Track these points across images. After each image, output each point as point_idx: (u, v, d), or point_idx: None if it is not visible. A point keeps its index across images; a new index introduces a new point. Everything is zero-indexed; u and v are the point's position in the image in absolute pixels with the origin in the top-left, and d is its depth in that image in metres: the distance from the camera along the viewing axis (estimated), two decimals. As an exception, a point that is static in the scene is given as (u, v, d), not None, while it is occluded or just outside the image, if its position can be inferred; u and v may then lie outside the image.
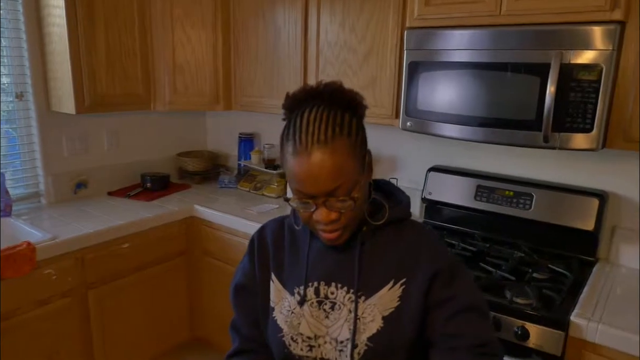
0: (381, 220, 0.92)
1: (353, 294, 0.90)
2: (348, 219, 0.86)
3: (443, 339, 0.88)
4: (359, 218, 0.89)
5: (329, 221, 0.85)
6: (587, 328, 1.42)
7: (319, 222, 0.86)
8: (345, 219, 0.86)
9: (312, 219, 0.87)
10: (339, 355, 0.90)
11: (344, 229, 0.88)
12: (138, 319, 2.30)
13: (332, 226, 0.86)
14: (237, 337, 1.04)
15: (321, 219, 0.84)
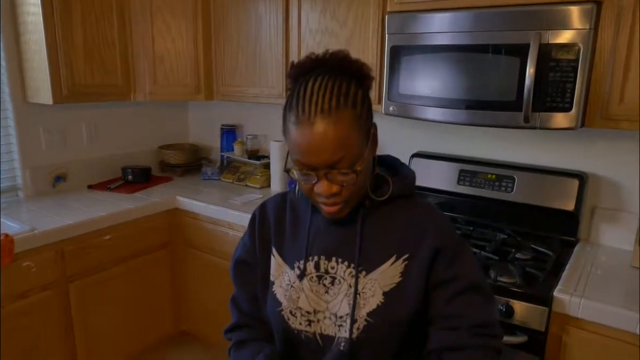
0: (384, 196, 0.90)
1: (353, 268, 0.89)
2: (350, 192, 0.84)
3: (444, 319, 0.87)
4: (361, 192, 0.88)
5: (330, 194, 0.83)
6: (570, 303, 1.44)
7: (320, 195, 0.84)
8: (347, 192, 0.84)
9: (313, 192, 0.85)
10: (338, 330, 0.88)
11: (345, 203, 0.86)
12: (121, 312, 2.26)
13: (333, 200, 0.84)
14: (236, 312, 1.03)
15: (322, 191, 0.83)
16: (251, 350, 0.96)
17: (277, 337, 0.96)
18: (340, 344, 0.88)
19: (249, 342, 0.98)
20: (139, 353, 2.40)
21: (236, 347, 0.99)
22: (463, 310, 0.86)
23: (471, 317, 0.86)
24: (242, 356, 0.96)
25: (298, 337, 0.92)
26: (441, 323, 0.87)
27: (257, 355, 0.93)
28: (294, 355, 0.95)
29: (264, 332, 1.00)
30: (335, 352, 0.89)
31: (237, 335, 1.00)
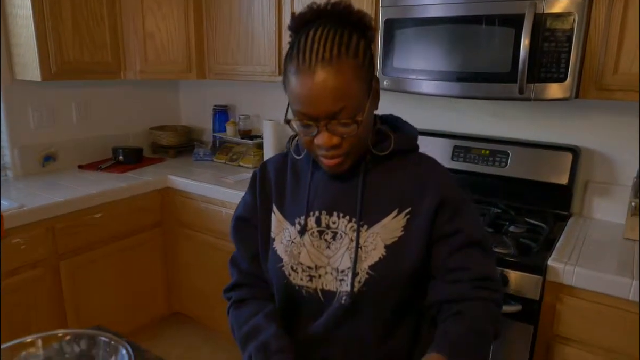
0: (386, 150, 0.90)
1: (355, 222, 0.89)
2: (350, 145, 0.83)
3: (446, 272, 0.87)
4: (362, 146, 0.87)
5: (330, 146, 0.82)
6: (564, 272, 1.45)
7: (320, 146, 0.83)
8: (348, 144, 0.83)
9: (313, 144, 0.84)
10: (339, 285, 0.88)
11: (346, 156, 0.85)
12: (113, 292, 2.25)
13: (334, 152, 0.83)
14: (235, 271, 1.01)
15: (322, 143, 0.82)
16: (251, 309, 0.94)
17: (278, 293, 0.95)
18: (342, 297, 0.87)
19: (249, 301, 0.97)
20: (132, 333, 2.38)
21: (236, 306, 0.98)
22: (465, 263, 0.86)
23: (473, 270, 0.86)
24: (241, 315, 0.95)
25: (299, 293, 0.91)
26: (443, 276, 0.87)
27: (257, 314, 0.92)
28: (295, 311, 0.94)
29: (264, 291, 0.98)
30: (337, 306, 0.88)
31: (236, 294, 0.99)
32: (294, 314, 0.95)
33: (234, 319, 0.96)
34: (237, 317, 0.95)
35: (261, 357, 0.85)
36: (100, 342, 0.91)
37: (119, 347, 0.88)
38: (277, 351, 0.84)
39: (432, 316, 0.90)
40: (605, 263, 1.47)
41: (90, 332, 0.92)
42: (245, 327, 0.91)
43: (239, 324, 0.93)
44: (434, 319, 0.89)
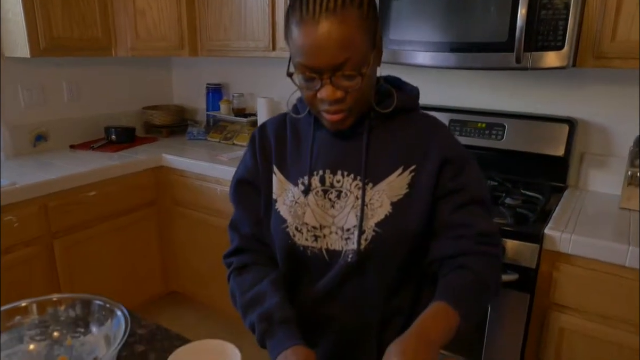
0: (389, 108, 0.88)
1: (360, 180, 0.88)
2: (354, 99, 0.82)
3: (449, 228, 0.87)
4: (365, 102, 0.85)
5: (333, 100, 0.80)
6: (561, 239, 1.45)
7: (323, 101, 0.81)
8: (351, 99, 0.81)
9: (316, 99, 0.82)
10: (345, 244, 0.87)
11: (349, 112, 0.83)
12: (108, 271, 2.23)
13: (337, 106, 0.82)
14: (236, 236, 0.99)
15: (326, 96, 0.80)
16: (254, 275, 0.92)
17: (282, 255, 0.93)
18: (348, 256, 0.87)
19: (251, 267, 0.95)
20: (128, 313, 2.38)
21: (237, 272, 0.95)
22: (468, 220, 0.86)
23: (476, 227, 0.86)
24: (244, 281, 0.93)
25: (304, 253, 0.90)
26: (446, 233, 0.87)
27: (261, 281, 0.90)
28: (300, 272, 0.93)
29: (267, 255, 0.97)
30: (342, 264, 0.88)
31: (238, 260, 0.96)
32: (298, 275, 0.94)
33: (235, 285, 0.93)
34: (239, 284, 0.93)
35: (264, 326, 0.84)
36: (95, 306, 0.90)
37: (114, 310, 0.87)
38: (281, 321, 0.83)
39: (433, 273, 0.90)
40: (601, 231, 1.47)
41: (85, 297, 0.91)
42: (249, 294, 0.89)
43: (242, 290, 0.91)
44: (435, 276, 0.89)
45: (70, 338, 0.89)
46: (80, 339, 0.89)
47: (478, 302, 0.83)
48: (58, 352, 0.88)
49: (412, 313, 0.92)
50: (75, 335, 0.90)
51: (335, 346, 0.94)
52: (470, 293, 0.81)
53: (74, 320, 0.90)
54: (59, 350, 0.88)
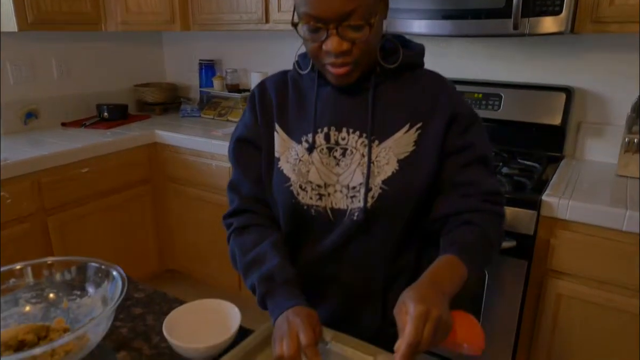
0: (395, 63, 0.86)
1: (366, 138, 0.86)
2: (360, 52, 0.79)
3: (456, 186, 0.87)
4: (371, 55, 0.83)
5: (339, 52, 0.78)
6: (558, 205, 1.44)
7: (329, 53, 0.79)
8: (358, 51, 0.79)
9: (321, 51, 0.80)
10: (350, 202, 0.86)
11: (355, 65, 0.81)
12: (103, 248, 2.21)
13: (343, 59, 0.79)
14: (236, 197, 0.96)
15: (332, 48, 0.78)
16: (255, 236, 0.90)
17: (285, 214, 0.92)
18: (354, 214, 0.86)
19: (252, 227, 0.93)
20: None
21: (237, 233, 0.93)
22: (474, 178, 0.86)
23: (482, 184, 0.86)
24: (244, 242, 0.91)
25: (308, 212, 0.89)
26: (452, 190, 0.87)
27: (262, 241, 0.89)
28: (303, 231, 0.92)
29: (268, 217, 0.95)
30: (348, 222, 0.86)
31: (238, 220, 0.94)
32: (302, 235, 0.92)
33: (236, 246, 0.92)
34: (240, 245, 0.91)
35: (265, 287, 0.83)
36: (90, 268, 0.89)
37: (110, 271, 0.86)
38: (281, 282, 0.82)
39: (435, 232, 0.89)
40: (599, 197, 1.47)
41: (80, 259, 0.90)
42: (249, 256, 0.88)
43: (243, 251, 0.90)
44: (437, 235, 0.88)
45: (67, 300, 0.88)
46: (77, 301, 0.88)
47: (484, 256, 0.83)
48: (54, 314, 0.87)
49: (415, 272, 0.91)
50: (72, 298, 0.88)
51: (339, 306, 0.93)
52: (477, 248, 0.81)
53: (69, 282, 0.89)
54: (55, 312, 0.87)
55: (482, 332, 0.71)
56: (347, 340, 0.79)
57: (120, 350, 0.82)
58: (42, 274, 0.89)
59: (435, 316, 0.64)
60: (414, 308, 0.65)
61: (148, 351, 0.82)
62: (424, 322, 0.64)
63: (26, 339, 0.74)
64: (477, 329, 0.71)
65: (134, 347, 0.83)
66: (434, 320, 0.64)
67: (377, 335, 0.89)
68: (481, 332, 0.71)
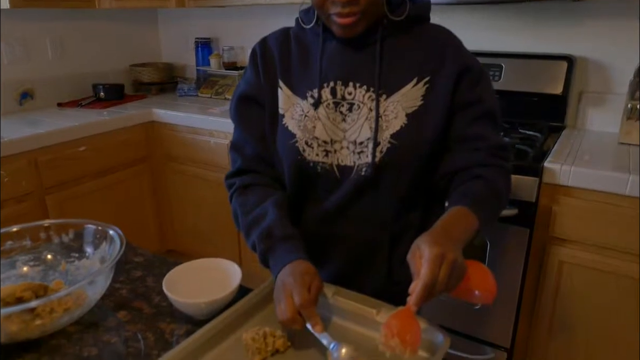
0: (402, 15, 0.84)
1: (373, 92, 0.84)
2: (366, 1, 0.78)
3: (465, 141, 0.86)
4: (377, 7, 0.81)
5: (346, 0, 0.76)
6: (560, 172, 1.43)
7: (335, 2, 0.77)
8: (364, 0, 0.77)
9: (328, 1, 0.78)
10: (357, 158, 0.85)
11: (362, 15, 0.79)
12: (103, 228, 2.20)
13: (350, 8, 0.77)
14: (239, 157, 0.94)
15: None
16: (258, 196, 0.89)
17: (290, 172, 0.90)
18: (361, 170, 0.85)
19: (255, 187, 0.91)
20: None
21: (240, 192, 0.91)
22: (483, 133, 0.85)
23: (490, 139, 0.86)
24: (247, 201, 0.89)
25: (314, 169, 0.87)
26: (461, 145, 0.86)
27: (264, 200, 0.87)
28: (308, 190, 0.91)
29: (271, 177, 0.93)
30: (356, 178, 0.85)
31: (241, 180, 0.92)
32: (307, 192, 0.91)
33: (238, 206, 0.90)
34: (241, 204, 0.89)
35: (265, 244, 0.82)
36: (87, 230, 0.88)
37: (107, 232, 0.85)
38: (281, 238, 0.81)
39: (442, 189, 0.88)
40: (601, 163, 1.46)
41: (77, 221, 0.88)
42: (251, 215, 0.86)
43: (245, 210, 0.88)
44: (443, 192, 0.87)
45: (65, 263, 0.87)
46: (75, 263, 0.87)
47: (493, 210, 0.83)
48: (53, 277, 0.86)
49: (421, 232, 0.90)
50: (70, 260, 0.88)
51: (343, 266, 0.93)
52: (488, 200, 0.81)
53: (67, 245, 0.88)
54: (53, 275, 0.86)
55: (495, 280, 0.70)
56: (349, 295, 0.78)
57: (120, 310, 0.81)
58: (39, 236, 0.88)
59: (451, 259, 0.64)
60: (429, 251, 0.64)
61: (149, 310, 0.81)
62: (439, 265, 0.63)
63: (24, 296, 0.73)
64: (489, 276, 0.70)
65: (134, 306, 0.82)
66: (450, 263, 0.63)
67: (381, 294, 0.88)
68: (493, 280, 0.70)
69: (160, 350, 0.71)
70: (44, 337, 0.73)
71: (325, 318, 0.76)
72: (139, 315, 0.80)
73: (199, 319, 0.76)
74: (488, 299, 0.70)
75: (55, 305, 0.73)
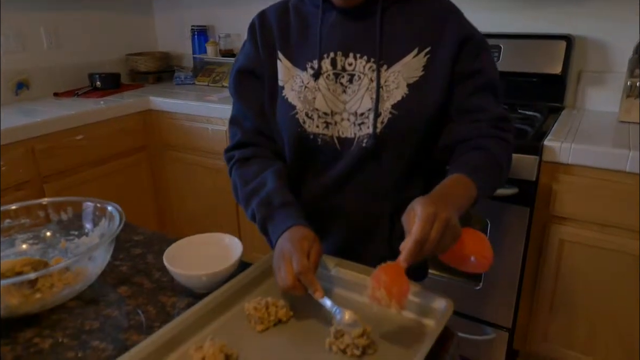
0: None
1: (374, 62, 0.83)
2: None
3: (466, 112, 0.85)
4: None
5: None
6: (560, 149, 1.42)
7: None
8: None
9: None
10: (358, 130, 0.84)
11: None
12: (103, 217, 2.20)
13: None
14: (238, 130, 0.93)
15: None
16: (257, 167, 0.88)
17: (290, 144, 0.90)
18: (362, 141, 0.84)
19: (255, 159, 0.90)
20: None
21: (240, 164, 0.91)
22: (484, 104, 0.85)
23: (491, 111, 0.85)
24: (247, 172, 0.88)
25: (314, 141, 0.87)
26: (462, 117, 0.85)
27: (264, 171, 0.87)
28: (309, 162, 0.90)
29: (271, 150, 0.93)
30: (357, 150, 0.85)
31: (240, 152, 0.92)
32: (308, 165, 0.90)
33: (237, 178, 0.90)
34: (241, 175, 0.89)
35: (264, 212, 0.81)
36: (86, 207, 0.87)
37: (106, 208, 0.84)
38: (280, 205, 0.81)
39: (442, 162, 0.87)
40: (601, 140, 1.45)
41: (75, 199, 0.88)
42: (250, 185, 0.86)
43: (245, 181, 0.88)
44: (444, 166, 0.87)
45: (65, 241, 0.86)
46: (75, 241, 0.87)
47: (493, 179, 0.82)
48: (52, 254, 0.85)
49: None
50: (70, 238, 0.87)
51: (346, 236, 0.92)
52: (487, 170, 0.80)
53: (66, 223, 0.88)
54: (53, 253, 0.86)
55: (491, 248, 0.70)
56: (351, 266, 0.78)
57: (121, 286, 0.80)
58: (38, 214, 0.87)
59: (444, 217, 0.63)
60: (422, 209, 0.63)
61: (149, 285, 0.81)
62: (431, 222, 0.63)
63: (24, 270, 0.72)
64: (485, 243, 0.70)
65: (134, 282, 0.82)
66: (442, 221, 0.63)
67: (383, 267, 0.88)
68: (489, 246, 0.70)
69: (161, 322, 0.70)
70: (45, 312, 0.73)
71: (328, 290, 0.75)
72: (140, 290, 0.79)
73: (200, 293, 0.76)
74: (484, 265, 0.69)
75: (56, 280, 0.73)
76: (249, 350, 0.64)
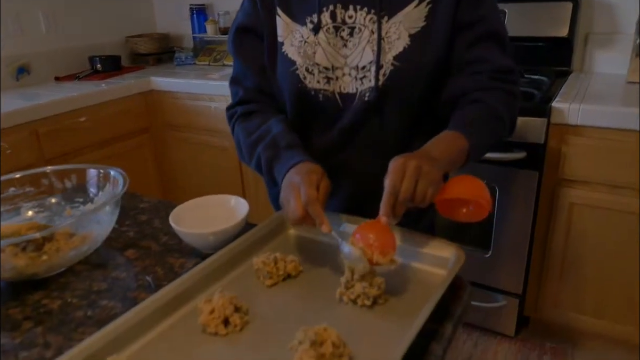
0: None
1: (375, 14, 0.81)
2: None
3: (465, 65, 0.82)
4: None
5: None
6: (569, 111, 1.40)
7: None
8: None
9: None
10: (360, 84, 0.82)
11: None
12: (109, 199, 2.20)
13: None
14: (239, 89, 0.92)
15: None
16: (260, 119, 0.87)
17: (291, 101, 0.88)
18: (365, 95, 0.82)
19: (257, 113, 0.89)
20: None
21: (242, 119, 0.90)
22: (484, 55, 0.81)
23: (491, 62, 0.82)
24: (250, 125, 0.87)
25: (315, 97, 0.85)
26: (461, 70, 0.83)
27: (267, 121, 0.85)
28: (310, 120, 0.89)
29: (273, 107, 0.91)
30: (359, 105, 0.83)
31: (243, 108, 0.90)
32: (310, 122, 0.89)
33: (241, 130, 0.88)
34: (244, 128, 0.88)
35: (269, 154, 0.80)
36: (90, 173, 0.86)
37: (109, 173, 0.83)
38: (285, 146, 0.80)
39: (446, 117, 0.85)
40: (610, 100, 1.43)
41: (78, 166, 0.87)
42: (255, 134, 0.85)
43: (248, 132, 0.86)
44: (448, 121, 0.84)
45: (70, 208, 0.86)
46: (80, 208, 0.86)
47: (490, 132, 0.80)
48: (58, 222, 0.84)
49: None
50: (75, 206, 0.86)
51: (351, 194, 0.91)
52: (481, 122, 0.78)
53: (70, 191, 0.87)
54: (59, 220, 0.85)
55: (488, 191, 0.67)
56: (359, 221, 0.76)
57: (128, 249, 0.80)
58: (42, 183, 0.86)
59: (413, 165, 0.63)
60: (391, 163, 0.64)
61: (157, 248, 0.80)
62: (401, 172, 0.63)
63: (29, 233, 0.72)
64: (480, 185, 0.66)
65: (142, 245, 0.81)
66: (413, 169, 0.63)
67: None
68: (486, 189, 0.66)
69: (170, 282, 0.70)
70: (53, 275, 0.73)
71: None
72: (147, 253, 0.79)
73: (208, 253, 0.75)
74: (482, 213, 0.67)
75: (62, 244, 0.72)
76: (259, 304, 0.63)
